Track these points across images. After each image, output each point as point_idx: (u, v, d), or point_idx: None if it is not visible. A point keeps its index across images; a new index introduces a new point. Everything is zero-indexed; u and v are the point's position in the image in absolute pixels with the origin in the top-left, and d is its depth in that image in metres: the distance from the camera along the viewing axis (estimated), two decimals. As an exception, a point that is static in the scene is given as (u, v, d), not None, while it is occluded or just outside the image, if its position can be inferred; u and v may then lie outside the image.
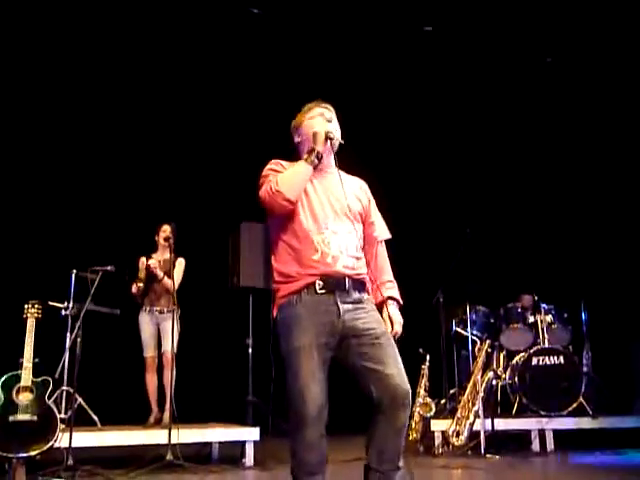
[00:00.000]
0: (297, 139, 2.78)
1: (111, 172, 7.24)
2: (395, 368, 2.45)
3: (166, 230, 5.71)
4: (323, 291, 2.50)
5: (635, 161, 7.51)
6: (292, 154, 2.81)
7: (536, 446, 5.54)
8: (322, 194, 2.63)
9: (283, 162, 2.71)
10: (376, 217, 2.83)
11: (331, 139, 2.62)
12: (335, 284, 2.51)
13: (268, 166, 2.69)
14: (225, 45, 7.19)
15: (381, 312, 2.64)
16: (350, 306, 2.51)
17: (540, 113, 7.77)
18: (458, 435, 5.37)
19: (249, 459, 4.95)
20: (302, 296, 2.50)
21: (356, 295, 2.55)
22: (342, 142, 2.66)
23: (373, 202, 2.84)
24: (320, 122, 2.68)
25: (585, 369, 6.30)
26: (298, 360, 2.43)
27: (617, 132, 7.57)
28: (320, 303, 2.49)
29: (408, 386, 2.46)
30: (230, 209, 6.90)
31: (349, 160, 2.80)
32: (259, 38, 7.14)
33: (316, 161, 2.59)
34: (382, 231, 2.83)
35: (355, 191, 2.75)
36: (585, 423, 5.76)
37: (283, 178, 2.55)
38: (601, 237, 7.62)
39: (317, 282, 2.50)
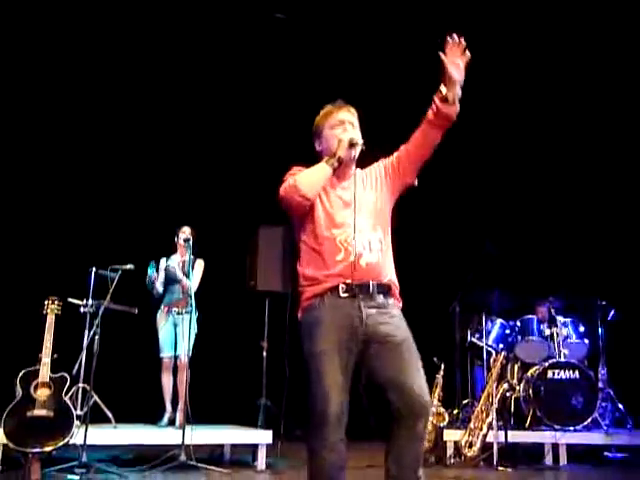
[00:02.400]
0: (318, 147, 2.78)
1: (133, 172, 7.30)
2: (415, 378, 2.44)
3: (185, 232, 5.75)
4: (346, 295, 2.48)
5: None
6: (311, 156, 2.83)
7: (549, 460, 5.50)
8: (342, 196, 2.64)
9: (302, 168, 2.72)
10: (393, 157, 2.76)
11: (355, 145, 2.61)
12: (359, 288, 2.48)
13: (290, 171, 2.71)
14: (245, 49, 7.23)
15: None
16: (374, 310, 2.49)
17: (554, 123, 7.73)
18: (471, 446, 5.35)
19: (261, 462, 4.97)
20: (325, 299, 2.50)
21: (381, 299, 2.51)
22: (364, 147, 2.64)
23: (392, 156, 2.76)
24: (342, 131, 2.67)
25: (601, 384, 6.25)
26: (321, 362, 2.42)
27: (635, 145, 7.53)
28: (343, 307, 2.48)
29: (428, 396, 2.45)
30: (249, 212, 6.94)
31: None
32: (280, 42, 7.18)
33: (336, 164, 2.60)
34: None
35: (375, 183, 2.71)
36: (599, 439, 5.72)
37: (301, 175, 2.59)
38: (621, 249, 7.57)
39: (341, 286, 2.48)
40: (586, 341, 6.44)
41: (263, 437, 5.04)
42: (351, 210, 2.59)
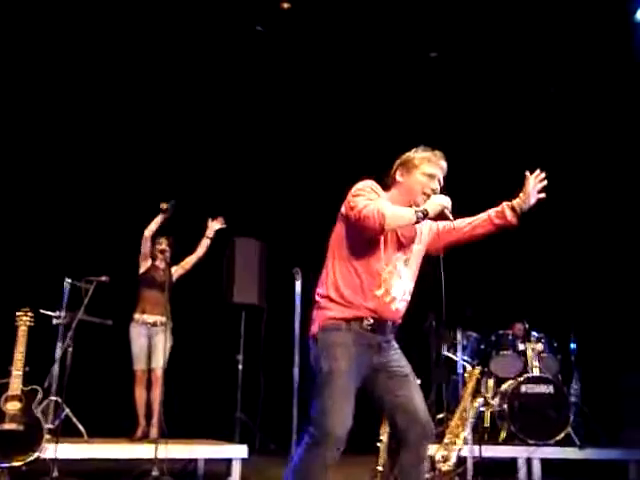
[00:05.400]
0: (400, 178, 2.85)
1: (108, 182, 7.25)
2: (421, 404, 2.69)
3: (162, 243, 5.71)
4: (369, 328, 2.64)
5: (624, 193, 7.61)
6: (288, 168, 2.89)
7: (523, 474, 5.52)
8: (402, 240, 2.77)
9: (378, 187, 2.81)
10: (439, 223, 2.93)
11: (443, 214, 2.73)
12: (381, 326, 2.68)
13: (368, 184, 2.77)
14: (224, 63, 7.26)
15: None
16: (386, 344, 2.72)
17: (537, 140, 7.84)
18: (445, 460, 5.33)
19: (235, 476, 4.90)
20: (352, 325, 2.63)
21: (390, 336, 2.76)
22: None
23: (439, 223, 2.92)
24: (430, 186, 2.78)
25: (573, 399, 6.30)
26: (338, 382, 2.54)
27: (606, 163, 7.67)
28: (364, 336, 2.64)
29: (431, 421, 2.71)
30: (225, 223, 6.90)
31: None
32: (261, 56, 7.23)
33: (422, 220, 2.69)
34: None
35: (423, 238, 2.89)
36: (572, 453, 5.74)
37: (393, 211, 2.65)
38: (592, 269, 7.68)
39: (368, 319, 2.64)
40: (559, 356, 6.50)
41: (238, 452, 4.97)
42: (403, 255, 2.77)
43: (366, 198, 2.65)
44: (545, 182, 2.84)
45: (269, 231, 6.94)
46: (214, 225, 5.97)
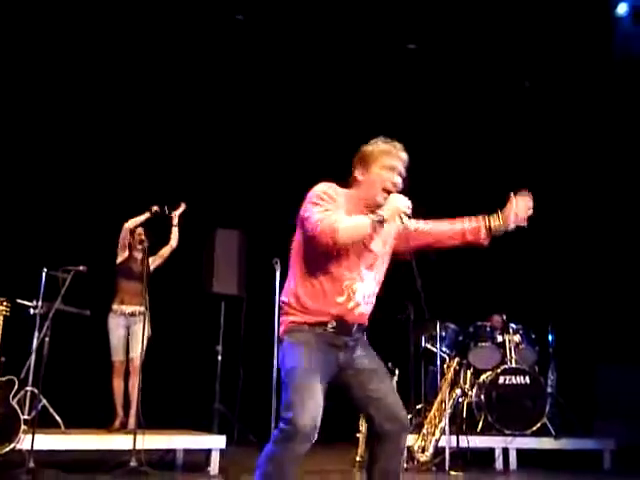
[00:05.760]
0: (360, 177, 2.72)
1: (85, 172, 7.17)
2: (394, 396, 2.68)
3: (141, 233, 5.67)
4: (333, 331, 2.62)
5: (602, 189, 7.69)
6: (269, 163, 2.85)
7: (499, 464, 5.60)
8: (365, 245, 2.68)
9: (338, 188, 2.70)
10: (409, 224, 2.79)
11: (401, 218, 2.61)
12: (345, 328, 2.64)
13: (325, 188, 2.65)
14: (203, 53, 7.22)
15: None
16: (352, 343, 2.68)
17: (517, 136, 7.90)
18: (423, 451, 5.39)
19: (214, 467, 4.91)
20: (315, 328, 2.62)
21: (358, 335, 2.71)
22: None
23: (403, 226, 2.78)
24: (391, 178, 2.67)
25: (549, 390, 6.38)
26: (301, 378, 2.53)
27: (582, 157, 7.74)
28: (328, 337, 2.63)
29: (405, 411, 2.70)
30: (205, 214, 6.88)
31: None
32: (239, 46, 7.20)
33: (379, 229, 2.61)
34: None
35: (388, 240, 2.78)
36: (547, 443, 5.83)
37: (347, 226, 2.53)
38: (570, 262, 7.76)
39: (331, 323, 2.62)
40: (536, 347, 6.56)
41: (216, 442, 4.97)
42: (367, 259, 2.69)
43: (322, 209, 2.55)
44: (531, 209, 2.78)
45: (249, 222, 6.92)
46: (176, 212, 6.04)
